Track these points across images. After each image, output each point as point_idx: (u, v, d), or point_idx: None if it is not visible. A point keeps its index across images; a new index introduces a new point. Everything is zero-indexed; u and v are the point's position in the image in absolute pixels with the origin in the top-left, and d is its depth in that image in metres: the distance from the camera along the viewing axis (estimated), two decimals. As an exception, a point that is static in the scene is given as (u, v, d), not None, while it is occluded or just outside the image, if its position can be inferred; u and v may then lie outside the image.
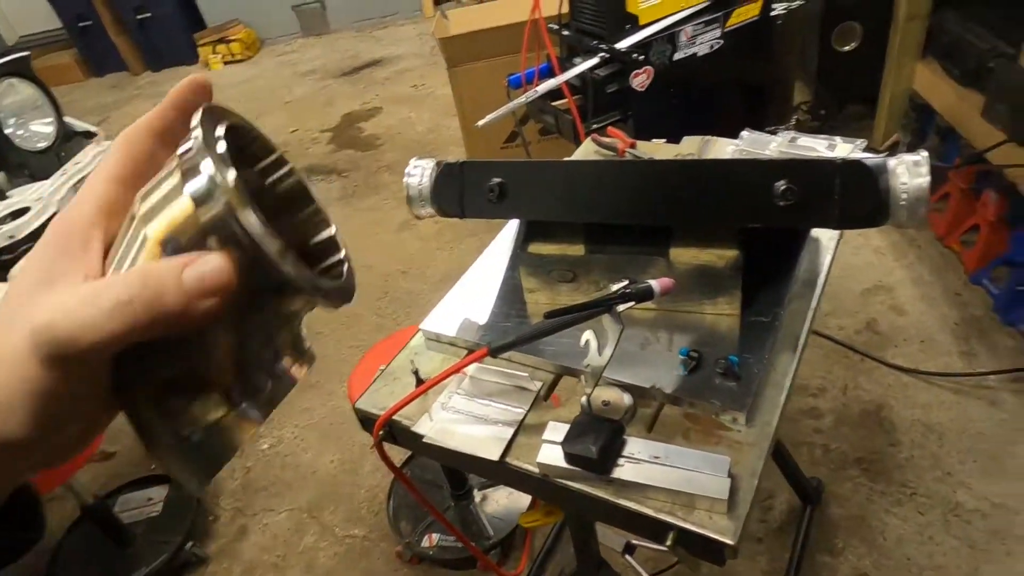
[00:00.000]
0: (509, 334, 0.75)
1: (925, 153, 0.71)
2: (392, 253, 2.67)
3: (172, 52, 5.39)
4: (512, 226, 1.05)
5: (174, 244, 0.27)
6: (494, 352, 0.75)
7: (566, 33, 1.87)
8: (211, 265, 0.25)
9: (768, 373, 0.77)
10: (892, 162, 0.71)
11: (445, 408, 0.82)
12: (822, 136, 1.08)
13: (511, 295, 0.96)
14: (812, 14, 2.39)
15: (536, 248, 0.88)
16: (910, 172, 0.70)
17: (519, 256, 0.91)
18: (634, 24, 1.80)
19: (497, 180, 0.83)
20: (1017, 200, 1.84)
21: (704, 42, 1.85)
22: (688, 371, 0.78)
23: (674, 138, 1.35)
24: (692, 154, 1.19)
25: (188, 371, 0.30)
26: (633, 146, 1.24)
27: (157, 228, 0.27)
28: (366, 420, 0.87)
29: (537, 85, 2.02)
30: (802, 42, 2.31)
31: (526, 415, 0.79)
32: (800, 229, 0.89)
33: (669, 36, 1.80)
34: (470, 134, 2.70)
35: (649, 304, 0.84)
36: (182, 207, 0.26)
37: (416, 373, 0.86)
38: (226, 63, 5.22)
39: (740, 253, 0.79)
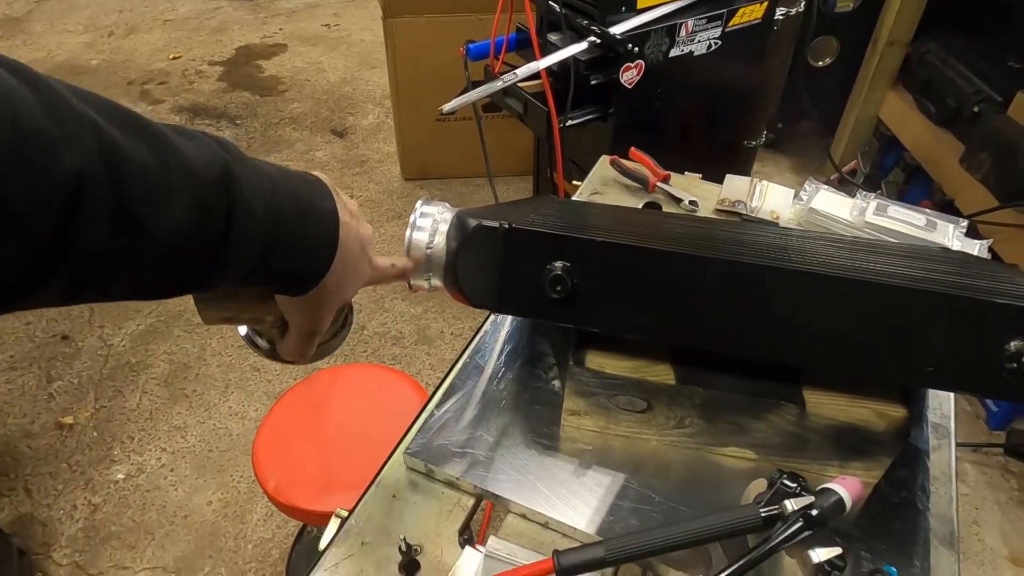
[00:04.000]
0: (558, 503, 0.46)
1: None
2: (296, 230, 2.24)
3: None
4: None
5: None
6: (565, 573, 0.45)
7: (551, 2, 1.54)
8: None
9: (936, 594, 0.54)
10: None
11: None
12: (914, 208, 0.87)
13: (538, 405, 0.66)
14: (799, 24, 2.21)
15: (598, 362, 0.59)
16: None
17: (566, 366, 0.61)
18: (631, 7, 1.51)
19: (564, 265, 0.52)
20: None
21: (703, 40, 1.60)
22: (828, 586, 0.53)
23: (662, 149, 1.10)
24: (742, 202, 0.93)
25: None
26: (666, 180, 0.97)
27: None
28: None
29: (504, 59, 1.69)
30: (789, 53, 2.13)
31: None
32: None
33: (669, 28, 1.53)
34: (401, 97, 2.30)
35: (748, 453, 0.58)
36: None
37: (406, 550, 0.55)
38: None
39: (908, 414, 0.55)
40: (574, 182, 1.05)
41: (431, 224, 0.56)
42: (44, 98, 0.27)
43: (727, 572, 0.40)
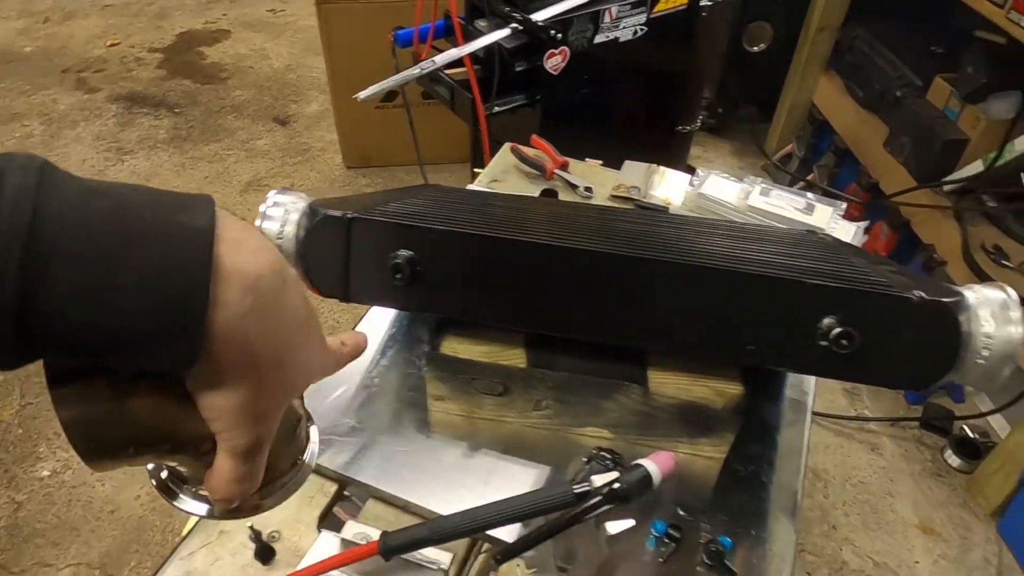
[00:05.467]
0: (418, 487, 0.47)
1: (1012, 291, 0.52)
2: (234, 220, 2.21)
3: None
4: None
5: None
6: (388, 553, 0.47)
7: (472, -10, 1.54)
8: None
9: (769, 559, 0.57)
10: (971, 297, 0.51)
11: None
12: (796, 192, 0.89)
13: (410, 391, 0.67)
14: (730, 10, 2.23)
15: (452, 348, 0.60)
16: (996, 318, 0.50)
17: (425, 352, 0.62)
18: (554, -7, 1.51)
19: (407, 254, 0.53)
20: (908, 237, 1.83)
21: (628, 26, 1.61)
22: (664, 558, 0.55)
23: (594, 135, 1.11)
24: (636, 188, 0.95)
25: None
26: (564, 167, 0.98)
27: None
28: (171, 603, 0.56)
29: (430, 46, 1.68)
30: (722, 37, 2.15)
31: (430, 618, 0.53)
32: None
33: (592, 15, 1.53)
34: (338, 85, 2.27)
35: (605, 432, 0.60)
36: None
37: (256, 536, 0.56)
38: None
39: (745, 391, 0.57)
40: (477, 171, 1.06)
41: (282, 214, 0.57)
42: None
43: (519, 544, 0.41)
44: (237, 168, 2.43)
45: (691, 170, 1.67)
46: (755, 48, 2.30)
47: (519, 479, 0.60)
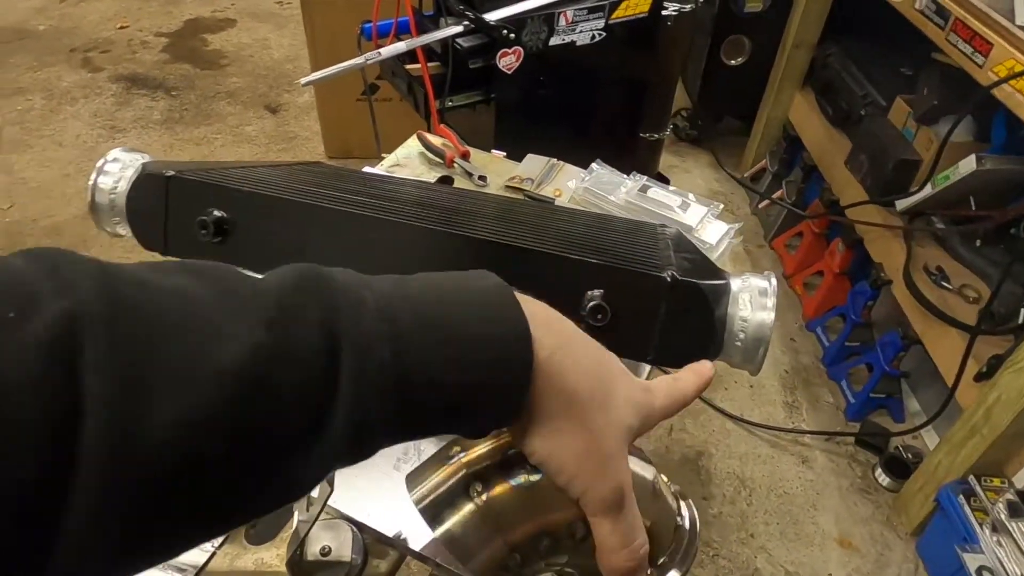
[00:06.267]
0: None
1: (774, 281, 0.54)
2: (212, 201, 2.28)
3: None
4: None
5: None
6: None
7: (432, -13, 1.59)
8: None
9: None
10: (736, 284, 0.54)
11: None
12: (676, 191, 0.92)
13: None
14: (705, 21, 2.26)
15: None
16: (753, 303, 0.53)
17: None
18: (510, -7, 1.55)
19: (217, 214, 0.57)
20: (862, 255, 1.83)
21: (585, 31, 1.64)
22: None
23: (555, 136, 1.13)
24: (530, 180, 0.98)
25: None
26: (465, 156, 1.02)
27: None
28: None
29: (392, 41, 1.73)
30: (690, 48, 2.17)
31: (213, 555, 0.56)
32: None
33: (546, 17, 1.57)
34: (324, 76, 2.33)
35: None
36: None
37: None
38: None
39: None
40: (384, 155, 1.10)
41: (119, 169, 0.61)
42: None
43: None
44: (222, 152, 2.51)
45: (662, 178, 1.70)
46: (733, 61, 2.31)
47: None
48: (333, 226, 0.56)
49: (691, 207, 0.88)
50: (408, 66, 1.63)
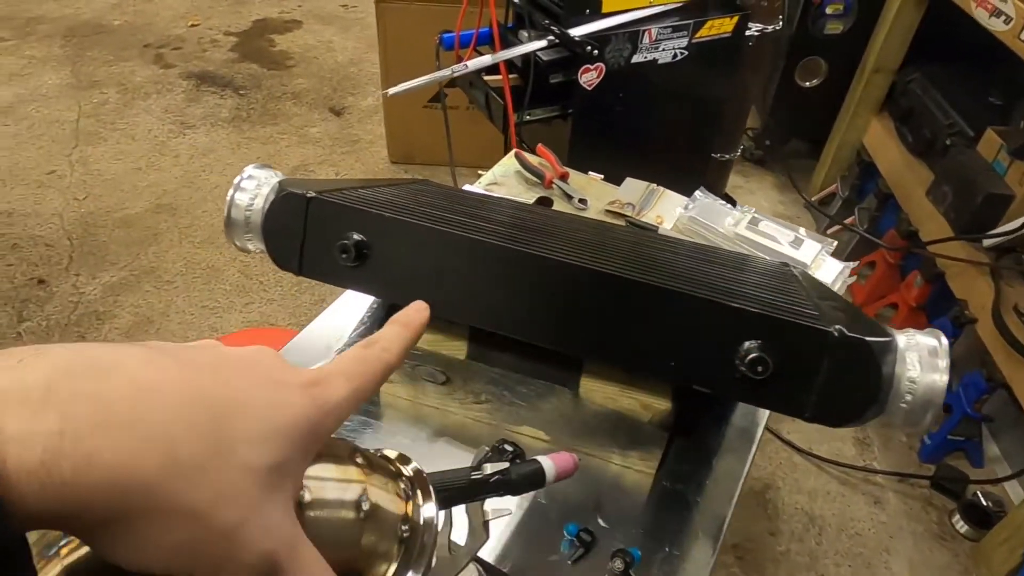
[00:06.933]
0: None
1: (944, 340, 0.51)
2: (277, 201, 2.31)
3: None
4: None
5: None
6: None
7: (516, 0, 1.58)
8: None
9: (676, 580, 0.57)
10: (902, 341, 0.51)
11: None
12: (787, 225, 0.89)
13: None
14: (781, 41, 2.21)
15: (402, 332, 0.63)
16: (923, 364, 0.50)
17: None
18: (595, 10, 1.53)
19: (357, 237, 0.56)
20: (939, 290, 1.76)
21: (668, 49, 1.62)
22: (573, 559, 0.56)
23: (626, 153, 1.11)
24: (631, 205, 0.96)
25: None
26: (564, 178, 1.00)
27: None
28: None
29: (472, 53, 1.72)
30: (771, 69, 2.13)
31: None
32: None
33: (631, 34, 1.55)
34: (390, 81, 2.34)
35: (541, 434, 0.62)
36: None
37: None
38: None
39: (673, 408, 0.58)
40: (479, 173, 1.09)
41: (255, 186, 0.61)
42: None
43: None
44: (288, 152, 2.54)
45: (729, 199, 1.67)
46: (807, 83, 2.26)
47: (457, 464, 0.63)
48: (474, 256, 0.55)
49: (804, 243, 0.85)
50: (486, 77, 1.63)
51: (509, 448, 0.48)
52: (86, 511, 0.20)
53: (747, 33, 1.72)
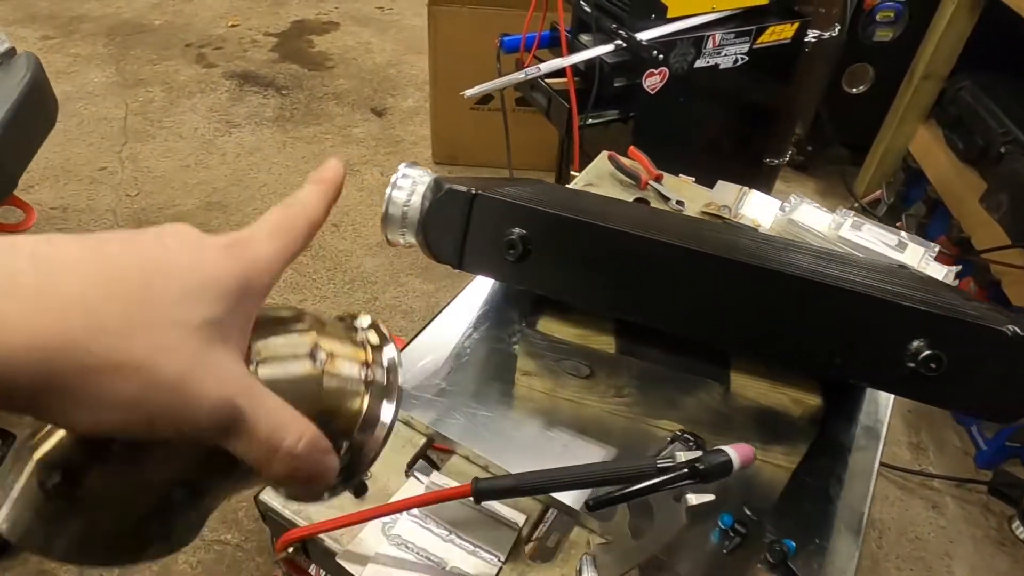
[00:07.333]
0: (500, 450, 0.52)
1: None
2: (325, 200, 2.33)
3: None
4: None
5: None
6: (479, 496, 0.51)
7: (583, 3, 1.60)
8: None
9: (830, 570, 0.58)
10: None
11: (388, 535, 0.58)
12: (890, 229, 0.90)
13: (497, 364, 0.72)
14: (834, 48, 2.22)
15: (548, 327, 0.65)
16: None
17: (520, 328, 0.67)
18: (661, 15, 1.55)
19: (521, 233, 0.58)
20: (995, 297, 1.77)
21: (730, 54, 1.63)
22: (729, 549, 0.58)
23: (682, 157, 1.13)
24: (727, 207, 0.97)
25: None
26: (659, 179, 1.02)
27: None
28: (270, 518, 0.62)
29: (535, 54, 1.74)
30: (826, 75, 2.14)
31: (500, 569, 0.57)
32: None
33: (696, 39, 1.57)
34: (439, 83, 2.38)
35: (679, 427, 0.63)
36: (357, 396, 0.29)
37: (354, 472, 0.61)
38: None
39: (823, 404, 0.59)
40: (574, 174, 1.11)
41: (410, 184, 0.63)
42: None
43: (605, 498, 0.45)
44: (333, 152, 2.56)
45: None
46: (854, 89, 2.27)
47: (593, 457, 0.64)
48: (638, 252, 0.57)
49: (908, 247, 0.87)
50: (548, 80, 1.65)
51: (690, 438, 0.49)
52: (17, 377, 0.20)
53: (805, 39, 1.73)
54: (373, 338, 0.32)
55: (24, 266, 0.21)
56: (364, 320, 0.33)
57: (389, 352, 0.31)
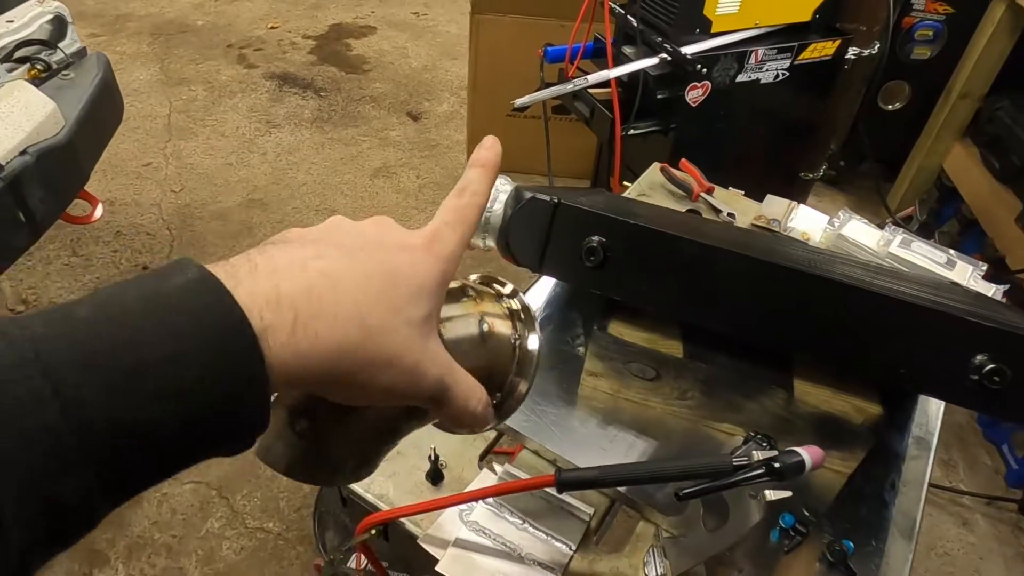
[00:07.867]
0: (569, 446, 0.55)
1: None
2: (361, 201, 2.39)
3: None
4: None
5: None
6: (562, 486, 0.55)
7: (629, 16, 1.63)
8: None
9: (886, 571, 0.61)
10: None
11: (466, 521, 0.62)
12: (938, 247, 0.93)
13: (562, 365, 0.76)
14: (872, 66, 2.23)
15: (618, 330, 0.68)
16: None
17: (590, 330, 0.70)
18: (705, 30, 1.58)
19: (601, 240, 0.62)
20: (1029, 317, 1.78)
21: (771, 70, 1.66)
22: (788, 549, 0.61)
23: (719, 169, 1.16)
24: (776, 220, 1.00)
25: None
26: (710, 192, 1.05)
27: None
28: (353, 503, 0.66)
29: (579, 65, 1.78)
30: (865, 92, 2.15)
31: (572, 557, 0.60)
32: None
33: (739, 54, 1.60)
34: (478, 91, 2.42)
35: (739, 430, 0.66)
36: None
37: (434, 461, 0.65)
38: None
39: (884, 411, 0.62)
40: (625, 184, 1.14)
41: (492, 192, 0.66)
42: None
43: (692, 490, 0.48)
44: (370, 154, 2.62)
45: None
46: (890, 106, 2.29)
47: (657, 456, 0.68)
48: (715, 262, 0.60)
49: (957, 265, 0.89)
50: (591, 90, 1.68)
51: (763, 439, 0.53)
52: (321, 371, 0.27)
53: (845, 56, 1.75)
54: (515, 304, 0.39)
55: (323, 290, 0.27)
56: (506, 288, 0.40)
57: (530, 318, 0.39)
